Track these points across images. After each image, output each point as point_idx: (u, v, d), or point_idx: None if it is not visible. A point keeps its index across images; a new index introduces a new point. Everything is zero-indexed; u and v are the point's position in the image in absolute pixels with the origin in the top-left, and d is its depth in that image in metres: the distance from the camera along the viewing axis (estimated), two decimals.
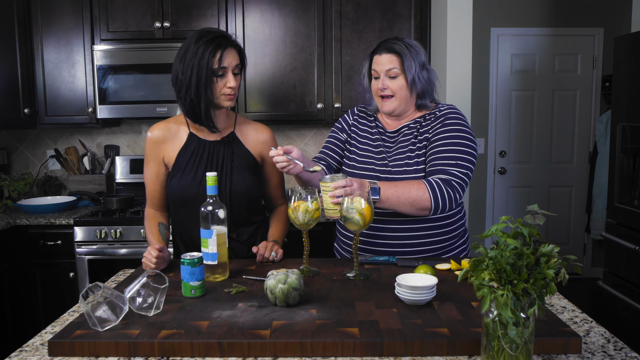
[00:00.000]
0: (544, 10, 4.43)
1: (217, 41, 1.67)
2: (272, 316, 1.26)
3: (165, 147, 1.80)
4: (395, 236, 1.77)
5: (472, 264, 1.01)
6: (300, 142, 3.57)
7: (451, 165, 1.68)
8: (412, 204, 1.64)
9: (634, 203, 2.59)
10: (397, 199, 1.63)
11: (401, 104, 1.80)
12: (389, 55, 1.77)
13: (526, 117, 4.55)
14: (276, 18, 3.14)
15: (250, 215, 1.86)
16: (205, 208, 1.54)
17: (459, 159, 1.69)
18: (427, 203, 1.64)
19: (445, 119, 1.77)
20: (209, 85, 1.68)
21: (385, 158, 1.81)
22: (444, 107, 1.82)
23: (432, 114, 1.82)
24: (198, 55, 1.65)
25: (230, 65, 1.69)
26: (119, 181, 3.46)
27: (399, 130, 1.84)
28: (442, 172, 1.68)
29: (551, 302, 1.45)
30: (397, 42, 1.77)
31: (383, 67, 1.77)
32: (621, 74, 2.72)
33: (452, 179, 1.67)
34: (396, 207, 1.65)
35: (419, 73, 1.76)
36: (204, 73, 1.65)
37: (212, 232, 1.53)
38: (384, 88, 1.77)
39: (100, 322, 1.20)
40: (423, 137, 1.78)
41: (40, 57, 3.16)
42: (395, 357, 1.12)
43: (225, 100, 1.73)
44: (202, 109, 1.70)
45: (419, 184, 1.65)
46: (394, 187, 1.64)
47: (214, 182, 1.54)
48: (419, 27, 3.14)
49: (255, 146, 1.85)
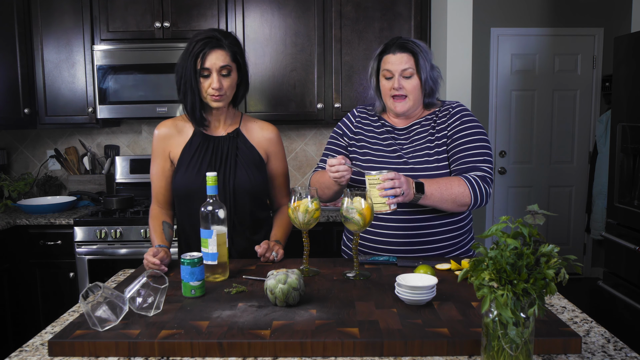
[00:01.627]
0: (544, 10, 4.43)
1: (204, 42, 1.70)
2: (272, 316, 1.26)
3: (171, 143, 1.83)
4: (412, 234, 1.77)
5: (472, 264, 1.01)
6: (300, 142, 3.57)
7: (480, 162, 1.73)
8: (454, 200, 1.66)
9: (634, 203, 2.59)
10: (441, 195, 1.65)
11: (414, 104, 1.80)
12: (403, 54, 1.76)
13: (526, 117, 4.55)
14: (276, 18, 3.14)
15: (254, 211, 1.86)
16: (205, 208, 1.54)
17: (485, 154, 1.74)
18: (468, 199, 1.67)
19: (461, 116, 1.80)
20: (196, 85, 1.72)
21: (397, 151, 1.81)
22: (455, 104, 1.85)
23: (444, 110, 1.83)
24: (185, 55, 1.72)
25: (214, 67, 1.70)
26: (119, 181, 3.46)
27: (409, 128, 1.85)
28: (474, 169, 1.72)
29: (551, 302, 1.45)
30: (408, 42, 1.77)
31: (398, 66, 1.75)
32: (621, 74, 2.72)
33: (486, 175, 1.72)
34: (438, 203, 1.66)
35: (430, 73, 1.77)
36: (189, 72, 1.70)
37: (212, 232, 1.53)
38: (399, 87, 1.76)
39: (100, 322, 1.20)
40: (441, 134, 1.79)
41: (40, 57, 3.16)
42: (395, 357, 1.12)
43: (212, 101, 1.75)
44: (188, 107, 1.76)
45: (459, 180, 1.68)
46: (435, 183, 1.65)
47: (214, 182, 1.54)
48: (419, 27, 3.14)
49: (260, 143, 1.87)
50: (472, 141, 1.75)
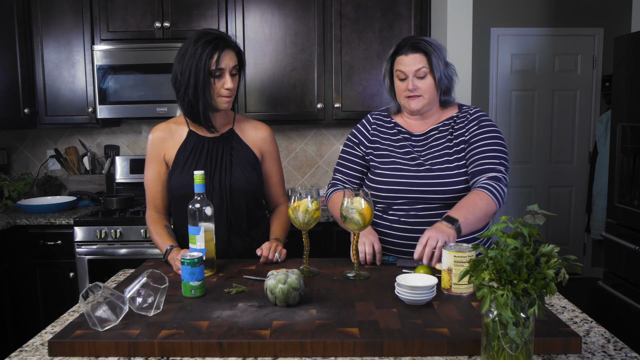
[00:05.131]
0: (544, 10, 4.43)
1: (215, 42, 1.68)
2: (272, 316, 1.26)
3: (166, 146, 1.82)
4: (413, 237, 1.74)
5: (472, 264, 1.01)
6: (300, 142, 3.57)
7: (496, 164, 1.72)
8: (486, 215, 1.64)
9: (634, 203, 2.59)
10: (475, 217, 1.60)
11: (429, 102, 1.78)
12: (416, 54, 1.73)
13: (526, 117, 4.55)
14: (276, 18, 3.14)
15: (251, 210, 1.86)
16: (193, 205, 1.57)
17: (501, 157, 1.74)
18: (495, 206, 1.66)
19: (480, 121, 1.79)
20: (207, 86, 1.69)
21: (417, 159, 1.78)
22: (473, 109, 1.84)
23: (462, 116, 1.82)
24: (196, 56, 1.67)
25: (228, 67, 1.70)
26: (119, 181, 3.46)
27: (427, 134, 1.83)
28: (490, 170, 1.71)
29: (551, 302, 1.45)
30: (420, 41, 1.75)
31: (411, 67, 1.73)
32: (621, 74, 2.72)
33: (501, 175, 1.71)
34: (475, 226, 1.63)
35: (444, 71, 1.75)
36: (202, 74, 1.67)
37: (199, 229, 1.56)
38: (414, 88, 1.74)
39: (100, 322, 1.20)
40: (459, 139, 1.78)
41: (40, 57, 3.16)
42: (395, 357, 1.12)
43: (222, 103, 1.74)
44: (200, 109, 1.72)
45: (479, 194, 1.64)
46: (462, 209, 1.60)
47: (201, 180, 1.57)
48: (419, 27, 3.14)
49: (254, 142, 1.87)
50: (489, 144, 1.74)
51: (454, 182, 1.74)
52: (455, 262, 1.38)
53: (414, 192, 1.75)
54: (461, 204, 1.63)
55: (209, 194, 1.77)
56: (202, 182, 1.57)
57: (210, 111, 1.75)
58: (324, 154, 3.57)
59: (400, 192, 1.77)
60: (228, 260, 1.78)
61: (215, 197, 1.78)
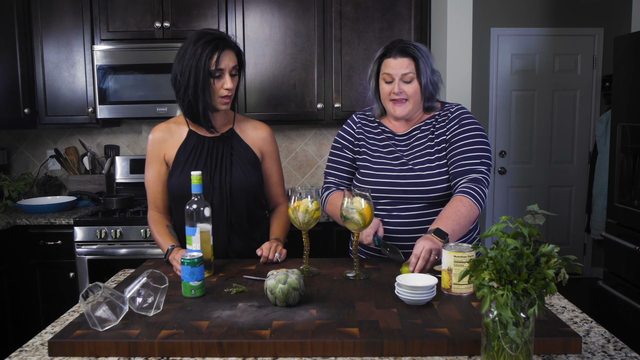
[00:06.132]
0: (544, 10, 4.43)
1: (215, 43, 1.68)
2: (272, 316, 1.26)
3: (166, 146, 1.82)
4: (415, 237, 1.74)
5: (472, 264, 1.01)
6: (300, 142, 3.57)
7: (477, 164, 1.72)
8: (470, 222, 1.66)
9: (634, 203, 2.59)
10: (460, 226, 1.62)
11: (414, 108, 1.78)
12: (404, 59, 1.73)
13: (526, 117, 4.55)
14: (276, 18, 3.14)
15: (251, 210, 1.86)
16: (190, 206, 1.56)
17: (483, 157, 1.74)
18: (477, 211, 1.68)
19: (460, 120, 1.79)
20: (207, 86, 1.69)
21: (401, 158, 1.80)
22: (455, 107, 1.83)
23: (443, 114, 1.82)
24: (196, 56, 1.67)
25: (227, 67, 1.70)
26: (119, 181, 3.46)
27: (410, 133, 1.84)
28: (470, 171, 1.71)
29: (551, 302, 1.45)
30: (409, 46, 1.75)
31: (398, 70, 1.73)
32: (621, 74, 2.72)
33: (481, 176, 1.71)
34: (460, 234, 1.65)
35: (430, 77, 1.75)
36: (201, 74, 1.67)
37: (195, 230, 1.55)
38: (400, 92, 1.74)
39: (100, 322, 1.20)
40: (440, 139, 1.79)
41: (40, 57, 3.16)
42: (395, 357, 1.12)
43: (221, 104, 1.74)
44: (199, 109, 1.72)
45: (461, 200, 1.65)
46: (449, 220, 1.61)
47: (198, 180, 1.56)
48: (419, 27, 3.14)
49: (254, 142, 1.87)
50: (470, 144, 1.74)
51: (434, 182, 1.74)
52: (455, 262, 1.39)
53: (396, 192, 1.77)
54: (447, 213, 1.63)
55: (209, 193, 1.77)
56: (200, 182, 1.57)
57: (210, 111, 1.75)
58: (324, 154, 3.57)
59: (383, 192, 1.78)
60: (228, 260, 1.78)
61: (215, 197, 1.78)
